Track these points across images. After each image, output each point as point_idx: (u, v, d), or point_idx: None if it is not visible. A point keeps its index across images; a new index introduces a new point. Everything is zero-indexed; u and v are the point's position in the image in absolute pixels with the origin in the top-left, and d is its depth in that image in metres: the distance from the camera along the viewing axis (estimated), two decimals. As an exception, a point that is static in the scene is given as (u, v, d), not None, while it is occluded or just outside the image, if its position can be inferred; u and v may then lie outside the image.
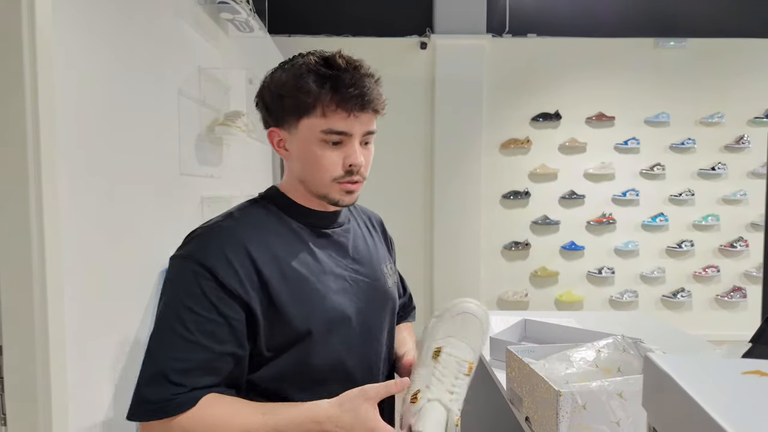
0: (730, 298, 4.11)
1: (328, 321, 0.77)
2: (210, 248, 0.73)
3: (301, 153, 0.78)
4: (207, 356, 0.69)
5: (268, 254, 0.75)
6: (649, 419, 0.56)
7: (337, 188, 0.79)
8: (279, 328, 0.74)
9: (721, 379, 0.49)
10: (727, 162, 4.12)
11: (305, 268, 0.78)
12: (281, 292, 0.74)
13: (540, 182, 4.18)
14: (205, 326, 0.69)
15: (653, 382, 0.54)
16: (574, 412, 0.72)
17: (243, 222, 0.78)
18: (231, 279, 0.71)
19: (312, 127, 0.76)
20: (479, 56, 4.07)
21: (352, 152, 0.78)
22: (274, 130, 0.81)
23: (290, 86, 0.76)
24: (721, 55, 4.10)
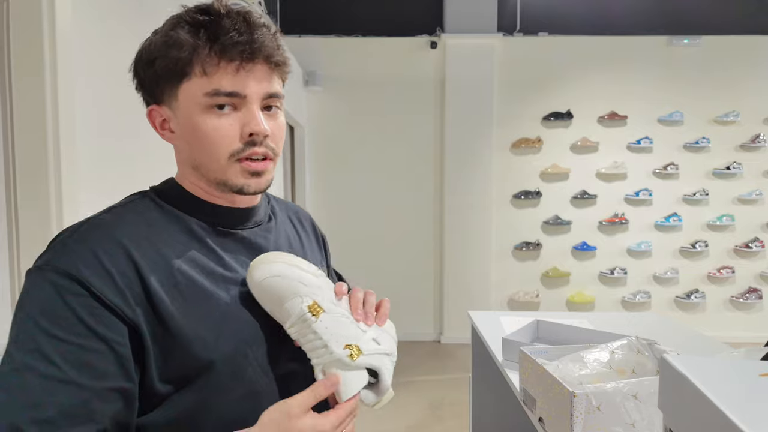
0: (745, 299, 4.06)
1: (239, 344, 0.61)
2: (77, 252, 0.55)
3: (187, 129, 0.61)
4: (82, 397, 0.51)
5: (156, 258, 0.58)
6: (665, 421, 0.56)
7: (237, 169, 0.61)
8: (174, 356, 0.57)
9: (738, 380, 0.49)
10: (743, 161, 4.06)
11: (207, 277, 0.61)
12: (174, 309, 0.57)
13: (551, 182, 4.16)
14: (78, 356, 0.52)
15: (669, 384, 0.54)
16: (589, 414, 0.72)
17: (123, 218, 0.60)
18: (108, 289, 0.54)
19: (193, 91, 0.59)
20: (490, 55, 4.06)
21: (251, 117, 0.60)
22: (153, 109, 0.63)
23: (160, 44, 0.60)
24: (736, 53, 4.04)
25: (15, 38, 1.11)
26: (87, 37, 1.30)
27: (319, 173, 4.20)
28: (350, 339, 0.61)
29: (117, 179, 1.44)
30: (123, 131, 1.48)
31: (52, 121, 1.13)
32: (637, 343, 0.94)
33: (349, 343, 0.61)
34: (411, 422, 2.71)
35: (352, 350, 0.60)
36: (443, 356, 3.84)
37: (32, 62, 1.12)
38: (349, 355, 0.60)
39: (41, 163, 1.12)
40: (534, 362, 0.87)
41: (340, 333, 0.61)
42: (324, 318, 0.61)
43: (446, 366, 3.62)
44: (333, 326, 0.61)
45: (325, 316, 0.61)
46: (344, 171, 4.19)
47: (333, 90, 4.12)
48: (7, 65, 1.11)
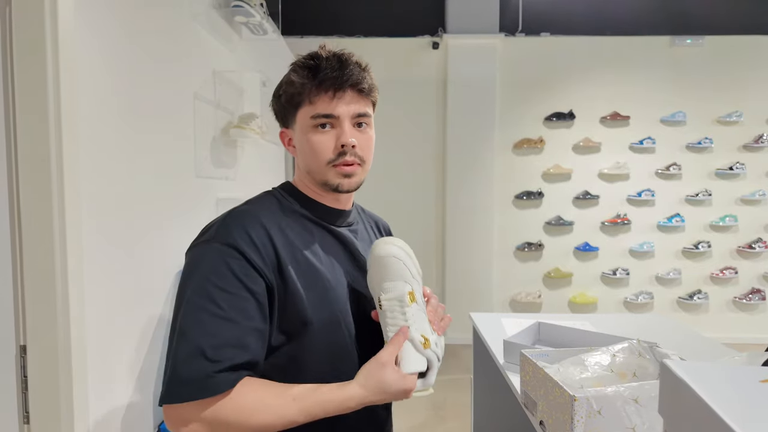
0: (748, 300, 4.04)
1: (335, 311, 0.80)
2: (233, 228, 0.75)
3: (301, 143, 0.83)
4: (239, 332, 0.70)
5: (284, 239, 0.78)
6: (665, 426, 0.56)
7: (333, 172, 0.82)
8: (290, 313, 0.76)
9: (739, 387, 0.49)
10: (746, 161, 4.05)
11: (316, 258, 0.81)
12: (296, 278, 0.76)
13: (553, 182, 4.15)
14: (236, 303, 0.71)
15: (669, 389, 0.54)
16: (589, 417, 0.72)
17: (260, 208, 0.82)
18: (255, 256, 0.73)
19: (304, 116, 0.81)
20: (492, 56, 4.06)
21: (341, 133, 0.80)
22: (283, 131, 0.87)
23: (283, 84, 0.84)
24: (739, 53, 4.03)
25: (17, 35, 1.11)
26: (89, 33, 1.30)
27: (321, 174, 4.21)
28: (425, 332, 0.76)
29: (119, 175, 1.45)
30: (125, 127, 1.48)
31: (54, 120, 1.14)
32: (638, 346, 0.94)
33: (424, 334, 0.76)
34: (414, 422, 2.71)
35: (424, 339, 0.75)
36: (445, 357, 3.82)
37: (35, 60, 1.12)
38: (421, 342, 0.75)
39: (44, 158, 1.13)
40: (535, 365, 0.87)
41: (420, 324, 0.77)
42: (414, 306, 0.77)
43: (448, 366, 3.62)
44: (417, 316, 0.77)
45: (415, 306, 0.77)
46: (346, 172, 4.19)
47: (335, 91, 4.12)
48: (10, 64, 1.12)
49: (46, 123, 1.12)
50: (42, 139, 1.12)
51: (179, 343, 0.69)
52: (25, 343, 1.13)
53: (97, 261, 1.31)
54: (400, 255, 0.79)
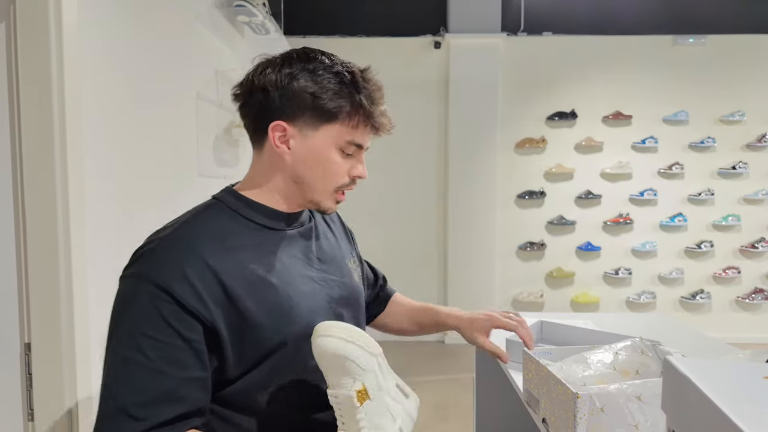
0: (751, 300, 4.03)
1: (303, 328, 0.72)
2: (165, 265, 0.67)
3: (312, 156, 0.76)
4: (171, 384, 0.64)
5: (231, 263, 0.70)
6: (668, 422, 0.56)
7: (333, 197, 0.80)
8: (251, 342, 0.70)
9: (742, 383, 0.49)
10: (749, 161, 4.04)
11: (272, 274, 0.73)
12: (250, 304, 0.69)
13: (556, 182, 4.15)
14: (168, 352, 0.64)
15: (673, 385, 0.54)
16: (592, 415, 0.72)
17: (200, 230, 0.72)
18: (190, 298, 0.66)
19: (337, 134, 0.76)
20: (494, 55, 4.05)
21: (361, 165, 0.80)
22: (279, 124, 0.75)
23: (331, 87, 0.74)
24: (742, 52, 4.02)
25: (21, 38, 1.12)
26: (92, 34, 1.31)
27: (323, 173, 4.21)
28: (384, 428, 0.67)
29: (122, 174, 1.45)
30: (128, 127, 1.49)
31: (58, 120, 1.14)
32: (641, 344, 0.94)
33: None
34: (416, 422, 2.71)
35: None
36: (447, 357, 3.84)
37: (39, 59, 1.13)
38: None
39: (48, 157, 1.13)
40: (537, 363, 0.87)
41: (375, 422, 0.67)
42: (367, 405, 0.67)
43: (450, 366, 3.62)
44: (371, 414, 0.67)
45: (369, 404, 0.67)
46: (348, 171, 4.19)
47: (337, 90, 4.12)
48: (15, 64, 1.12)
49: (51, 122, 1.13)
50: (46, 139, 1.13)
51: (103, 398, 0.64)
52: (29, 341, 1.14)
53: (101, 259, 1.32)
54: (340, 349, 0.66)
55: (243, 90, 0.78)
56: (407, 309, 1.13)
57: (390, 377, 0.73)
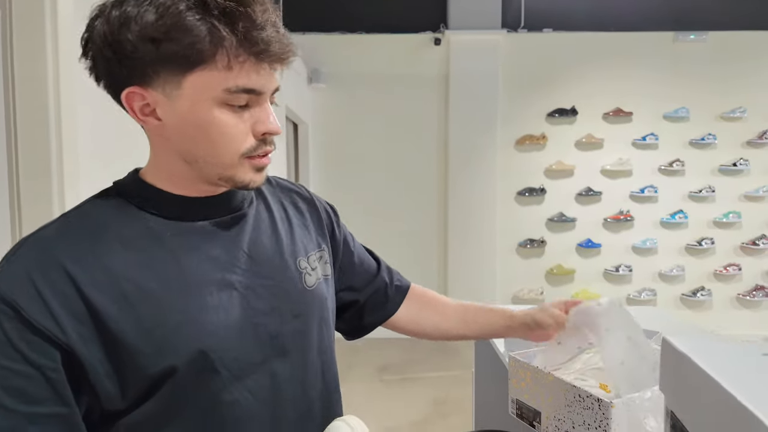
0: (752, 297, 4.02)
1: (201, 351, 0.56)
2: (12, 274, 0.53)
3: (189, 123, 0.56)
4: (11, 421, 0.50)
5: (100, 271, 0.54)
6: (666, 402, 0.55)
7: (246, 166, 0.59)
8: (128, 370, 0.55)
9: (742, 360, 0.49)
10: (750, 158, 4.03)
11: (159, 282, 0.56)
12: (121, 321, 0.54)
13: (556, 179, 4.14)
14: (7, 380, 0.50)
15: (671, 365, 0.54)
16: None
17: (71, 229, 0.57)
18: (39, 314, 0.51)
19: (208, 83, 0.54)
20: (494, 52, 4.05)
21: (265, 116, 0.58)
22: (134, 92, 0.55)
23: (170, 25, 0.51)
24: (743, 49, 4.01)
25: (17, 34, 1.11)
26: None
27: (323, 171, 4.20)
28: None
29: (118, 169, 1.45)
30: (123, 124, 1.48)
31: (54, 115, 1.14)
32: None
33: None
34: (415, 418, 2.71)
35: None
36: (447, 353, 3.83)
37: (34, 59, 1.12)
38: None
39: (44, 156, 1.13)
40: (536, 370, 0.81)
41: None
42: None
43: (450, 363, 3.61)
44: None
45: None
46: (348, 168, 4.19)
47: (337, 87, 4.12)
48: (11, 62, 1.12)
49: (47, 122, 1.12)
50: (42, 140, 1.12)
51: None
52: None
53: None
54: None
55: (83, 56, 0.58)
56: (453, 307, 0.92)
57: None
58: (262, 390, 0.61)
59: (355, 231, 0.88)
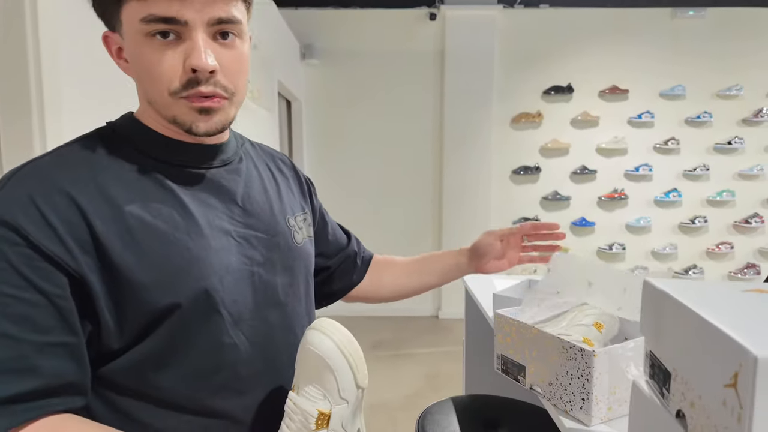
0: (743, 275, 4.05)
1: (206, 289, 0.56)
2: (14, 198, 0.50)
3: (133, 59, 0.56)
4: (20, 351, 0.48)
5: (104, 203, 0.53)
6: (646, 345, 0.55)
7: (183, 107, 0.56)
8: (131, 305, 0.53)
9: (722, 296, 0.48)
10: (745, 136, 4.02)
11: (163, 220, 0.56)
12: (127, 255, 0.53)
13: (551, 157, 4.12)
14: (15, 309, 0.48)
15: (652, 306, 0.53)
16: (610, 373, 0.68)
17: (69, 159, 0.55)
18: (47, 239, 0.50)
19: (131, 16, 0.53)
20: (490, 28, 3.99)
21: (191, 50, 0.53)
22: (108, 36, 0.58)
23: None
24: (742, 25, 3.96)
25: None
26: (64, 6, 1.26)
27: (316, 148, 4.17)
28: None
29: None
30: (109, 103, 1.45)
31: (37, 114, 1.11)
32: None
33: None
34: (408, 392, 2.74)
35: None
36: (440, 330, 3.86)
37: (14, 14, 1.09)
38: None
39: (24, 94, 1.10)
40: (521, 324, 0.81)
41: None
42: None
43: (443, 339, 3.65)
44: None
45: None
46: (342, 145, 4.16)
47: (330, 63, 4.06)
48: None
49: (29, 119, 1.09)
50: (22, 77, 1.09)
51: None
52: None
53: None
54: (334, 360, 0.56)
55: None
56: (403, 263, 0.98)
57: (358, 421, 0.60)
58: (257, 335, 0.62)
59: (349, 208, 0.94)
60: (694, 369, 0.42)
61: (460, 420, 1.12)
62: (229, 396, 0.60)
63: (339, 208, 4.03)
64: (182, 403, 0.57)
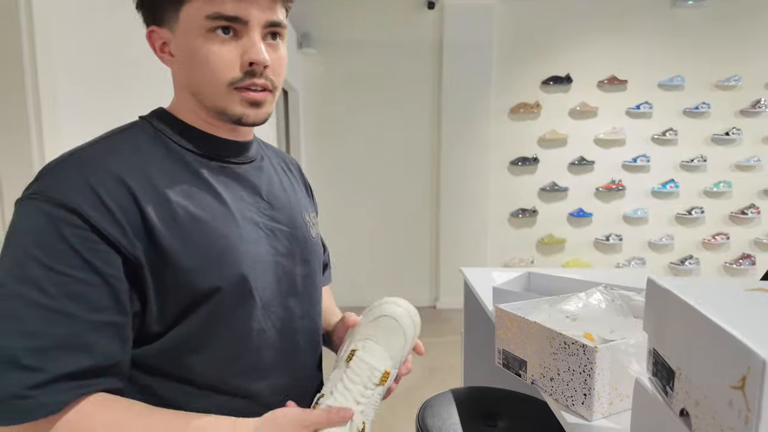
0: (738, 265, 4.08)
1: (242, 276, 0.61)
2: (72, 182, 0.53)
3: (187, 53, 0.60)
4: (77, 328, 0.51)
5: (152, 189, 0.57)
6: (649, 342, 0.56)
7: (236, 97, 0.61)
8: (174, 289, 0.56)
9: (725, 295, 0.48)
10: (742, 127, 4.02)
11: (204, 209, 0.60)
12: (174, 241, 0.56)
13: (549, 148, 4.12)
14: (74, 288, 0.51)
15: (655, 303, 0.54)
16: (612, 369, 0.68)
17: (119, 148, 0.59)
18: (106, 222, 0.52)
19: (194, 14, 0.58)
20: (489, 17, 3.95)
21: (250, 45, 0.59)
22: (153, 30, 0.62)
23: None
24: (742, 16, 3.94)
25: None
26: None
27: (314, 137, 4.15)
28: (367, 421, 0.62)
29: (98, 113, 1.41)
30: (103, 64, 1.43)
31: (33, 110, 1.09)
32: (607, 292, 0.92)
33: (365, 423, 0.62)
34: (407, 382, 2.76)
35: (362, 429, 0.61)
36: (439, 321, 3.88)
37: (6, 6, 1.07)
38: (359, 429, 0.60)
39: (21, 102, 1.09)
40: (522, 320, 0.81)
41: (370, 411, 0.63)
42: (378, 390, 0.63)
43: (442, 330, 3.67)
44: (374, 400, 0.63)
45: (380, 389, 0.64)
46: (339, 136, 4.14)
47: (328, 53, 4.03)
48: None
49: (21, 71, 1.08)
50: (17, 89, 1.08)
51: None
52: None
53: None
54: (408, 330, 0.65)
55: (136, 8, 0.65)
56: None
57: None
58: (281, 321, 0.66)
59: (345, 199, 0.93)
60: (699, 368, 0.42)
61: (460, 412, 1.13)
62: (254, 378, 0.63)
63: (335, 198, 4.03)
64: (213, 384, 0.61)
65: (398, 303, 0.67)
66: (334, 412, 0.58)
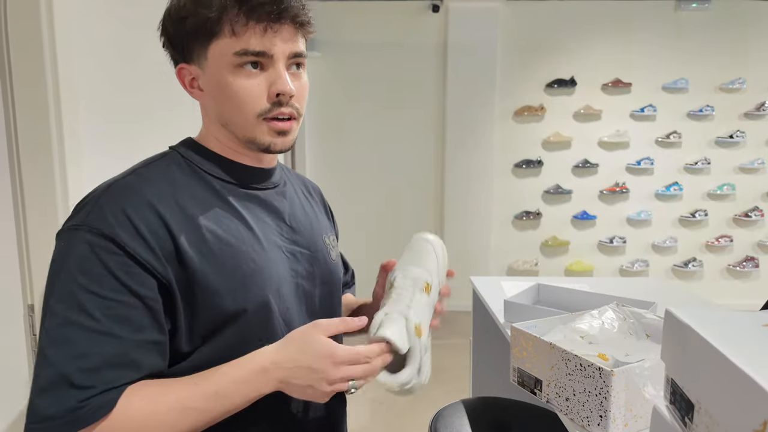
0: (742, 267, 4.10)
1: (267, 298, 0.65)
2: (110, 212, 0.58)
3: (216, 88, 0.64)
4: (122, 348, 0.55)
5: (183, 217, 0.61)
6: (666, 371, 0.58)
7: (265, 127, 0.65)
8: (203, 311, 0.61)
9: (743, 330, 0.50)
10: (746, 130, 4.03)
11: (232, 234, 0.64)
12: (204, 264, 0.60)
13: (553, 151, 4.13)
14: (116, 311, 0.56)
15: (673, 335, 0.56)
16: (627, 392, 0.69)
17: (151, 178, 0.63)
18: (140, 248, 0.57)
19: (222, 51, 0.62)
20: (493, 20, 3.96)
21: (277, 77, 0.63)
22: (183, 67, 0.67)
23: (189, 3, 0.63)
24: (746, 18, 3.94)
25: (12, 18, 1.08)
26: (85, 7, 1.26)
27: (318, 140, 4.16)
28: (423, 324, 0.68)
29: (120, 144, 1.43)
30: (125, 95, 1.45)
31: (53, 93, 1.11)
32: (619, 309, 0.94)
33: (422, 323, 0.68)
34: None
35: (418, 328, 0.66)
36: (443, 323, 3.87)
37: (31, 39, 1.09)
38: (416, 325, 0.66)
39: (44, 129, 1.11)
40: (538, 340, 0.83)
41: (421, 314, 0.68)
42: (425, 297, 0.70)
43: (447, 332, 3.67)
44: (422, 306, 0.69)
45: (426, 298, 0.70)
46: (343, 139, 4.15)
47: (332, 56, 4.04)
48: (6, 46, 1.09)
49: (47, 114, 1.10)
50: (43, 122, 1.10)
51: (39, 367, 0.54)
52: (32, 302, 1.14)
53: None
54: (437, 247, 0.78)
55: (163, 47, 0.69)
56: None
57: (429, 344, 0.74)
58: None
59: (350, 203, 0.98)
60: (720, 406, 0.44)
61: (471, 423, 1.16)
62: (276, 395, 0.64)
63: (340, 202, 4.04)
64: None
65: (422, 233, 0.79)
66: (349, 319, 0.64)
